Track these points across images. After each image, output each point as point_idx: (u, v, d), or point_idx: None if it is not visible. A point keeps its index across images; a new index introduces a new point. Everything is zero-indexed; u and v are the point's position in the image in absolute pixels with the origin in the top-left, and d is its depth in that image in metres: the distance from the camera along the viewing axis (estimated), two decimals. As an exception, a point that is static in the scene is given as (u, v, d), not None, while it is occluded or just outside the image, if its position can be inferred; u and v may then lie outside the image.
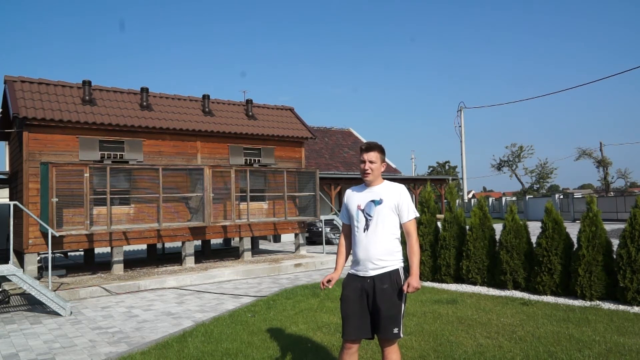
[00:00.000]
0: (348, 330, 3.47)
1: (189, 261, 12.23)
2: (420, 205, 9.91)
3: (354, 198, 3.65)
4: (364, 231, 3.52)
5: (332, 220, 16.92)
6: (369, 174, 3.54)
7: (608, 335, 5.36)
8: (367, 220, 3.52)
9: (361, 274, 3.53)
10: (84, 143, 11.29)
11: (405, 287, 3.38)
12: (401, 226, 3.61)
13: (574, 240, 7.78)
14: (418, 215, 3.60)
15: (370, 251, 3.48)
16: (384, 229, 3.50)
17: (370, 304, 3.46)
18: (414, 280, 3.37)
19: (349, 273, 3.65)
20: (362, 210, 3.56)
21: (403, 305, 3.47)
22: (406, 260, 3.59)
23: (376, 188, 3.59)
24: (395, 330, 3.40)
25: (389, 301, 3.40)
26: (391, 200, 3.52)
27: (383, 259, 3.47)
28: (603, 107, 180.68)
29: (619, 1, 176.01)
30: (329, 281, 3.61)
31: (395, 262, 3.52)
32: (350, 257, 3.73)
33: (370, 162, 3.53)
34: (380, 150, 3.58)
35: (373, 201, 3.54)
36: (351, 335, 3.47)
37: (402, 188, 3.59)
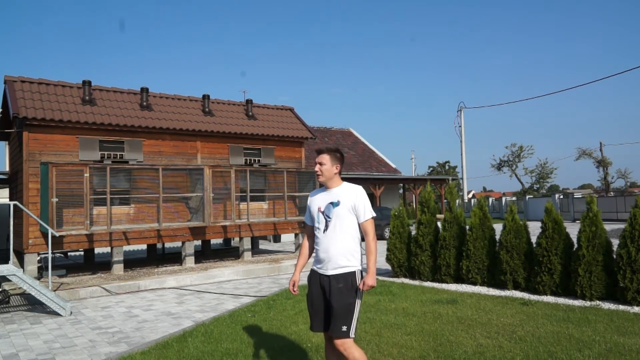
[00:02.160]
0: (315, 325, 3.72)
1: (189, 261, 12.23)
2: (420, 205, 9.91)
3: (315, 200, 3.83)
4: (324, 232, 3.68)
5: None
6: (319, 175, 3.74)
7: (608, 335, 5.36)
8: (326, 221, 3.68)
9: (321, 271, 3.70)
10: (84, 143, 11.29)
11: (360, 285, 3.55)
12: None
13: (574, 240, 7.78)
14: (375, 215, 3.75)
15: (330, 251, 3.62)
16: (342, 230, 3.64)
17: (325, 300, 3.66)
18: (369, 279, 3.52)
19: (311, 269, 3.83)
20: (322, 212, 3.72)
21: (356, 306, 3.59)
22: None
23: (335, 190, 3.74)
24: (344, 329, 3.51)
25: (342, 299, 3.54)
26: (348, 202, 3.66)
27: (343, 258, 3.61)
28: (603, 107, 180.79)
29: (619, 1, 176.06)
30: (294, 285, 3.84)
31: (354, 264, 3.64)
32: (313, 255, 3.91)
33: (320, 164, 3.72)
34: (330, 152, 3.76)
35: (332, 203, 3.69)
36: (318, 329, 3.71)
37: (358, 189, 3.75)
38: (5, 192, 17.59)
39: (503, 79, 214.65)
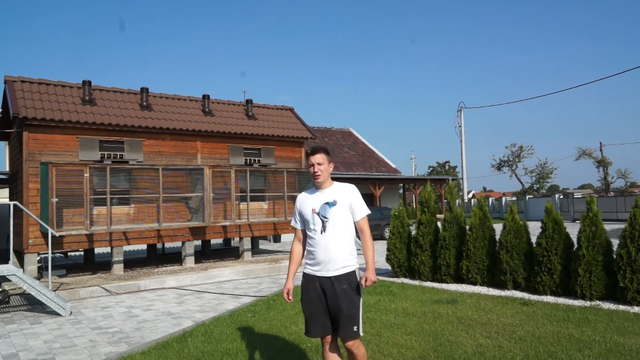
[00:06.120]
0: (314, 329, 3.62)
1: (189, 261, 12.22)
2: (420, 205, 9.91)
3: (307, 202, 3.73)
4: (322, 233, 3.61)
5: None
6: (319, 175, 3.66)
7: (608, 335, 5.36)
8: (323, 222, 3.62)
9: (320, 274, 3.62)
10: (84, 143, 11.29)
11: (363, 282, 3.51)
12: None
13: (574, 240, 7.78)
14: (370, 212, 3.76)
15: (330, 252, 3.57)
16: (341, 230, 3.61)
17: (330, 304, 3.57)
18: (371, 274, 3.51)
19: (305, 273, 3.73)
20: (318, 214, 3.64)
21: (361, 304, 3.63)
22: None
23: (328, 190, 3.70)
24: (355, 329, 3.54)
25: (350, 301, 3.54)
26: (345, 201, 3.64)
27: (343, 258, 3.59)
28: (603, 107, 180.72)
29: (620, 1, 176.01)
30: (288, 293, 3.72)
31: (353, 262, 3.64)
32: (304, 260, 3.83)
33: (319, 164, 3.65)
34: (326, 152, 3.73)
35: (327, 203, 3.64)
36: (317, 334, 3.62)
37: (352, 188, 3.74)
38: (5, 192, 17.59)
39: (503, 78, 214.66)
